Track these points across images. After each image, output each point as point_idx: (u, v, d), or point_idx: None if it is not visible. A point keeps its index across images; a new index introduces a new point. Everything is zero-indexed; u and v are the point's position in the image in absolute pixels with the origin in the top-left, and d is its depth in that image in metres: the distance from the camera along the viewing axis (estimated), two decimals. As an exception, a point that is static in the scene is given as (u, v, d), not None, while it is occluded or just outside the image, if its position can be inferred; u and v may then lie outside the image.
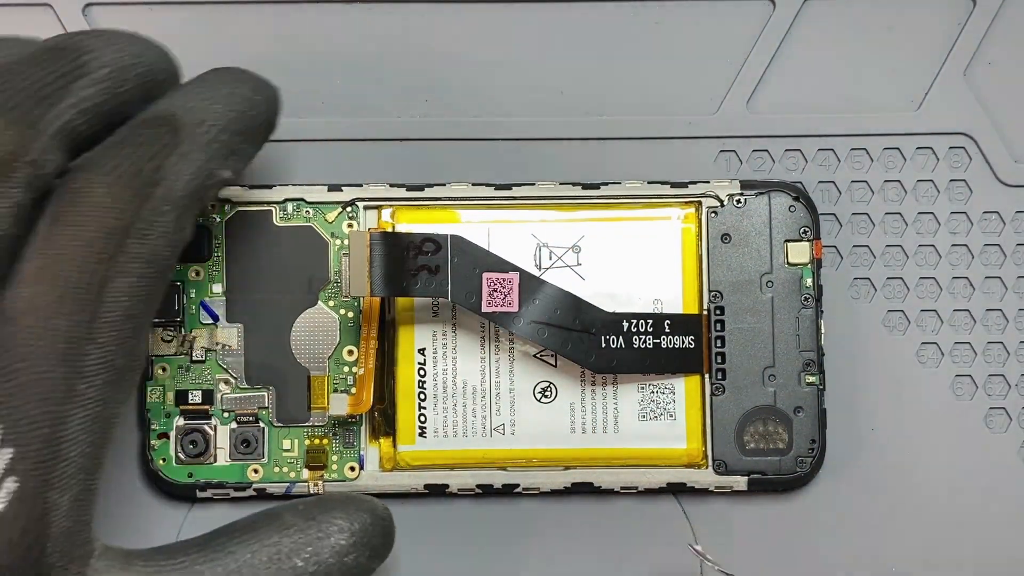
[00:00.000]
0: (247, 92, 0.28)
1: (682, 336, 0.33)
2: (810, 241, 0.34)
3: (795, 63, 0.35)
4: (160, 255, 0.26)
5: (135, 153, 0.26)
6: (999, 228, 0.35)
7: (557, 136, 0.35)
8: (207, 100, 0.27)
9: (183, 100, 0.27)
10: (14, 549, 0.25)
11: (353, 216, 0.34)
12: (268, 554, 0.28)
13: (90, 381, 0.25)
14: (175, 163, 0.26)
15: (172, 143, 0.26)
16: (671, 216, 0.34)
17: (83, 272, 0.25)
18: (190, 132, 0.26)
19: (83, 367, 0.25)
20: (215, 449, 0.33)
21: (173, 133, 0.26)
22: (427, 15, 0.35)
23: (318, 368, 0.34)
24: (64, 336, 0.25)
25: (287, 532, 0.28)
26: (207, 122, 0.27)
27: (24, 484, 0.24)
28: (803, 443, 0.34)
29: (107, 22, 0.35)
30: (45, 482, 0.25)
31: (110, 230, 0.25)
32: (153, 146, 0.26)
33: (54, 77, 0.26)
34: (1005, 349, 0.35)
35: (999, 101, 0.35)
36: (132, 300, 0.25)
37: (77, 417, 0.25)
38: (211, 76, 0.28)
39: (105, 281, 0.25)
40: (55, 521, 0.25)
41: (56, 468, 0.25)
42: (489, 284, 0.32)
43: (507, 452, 0.34)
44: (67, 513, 0.25)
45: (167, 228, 0.26)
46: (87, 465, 0.25)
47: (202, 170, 0.27)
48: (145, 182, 0.25)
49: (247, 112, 0.28)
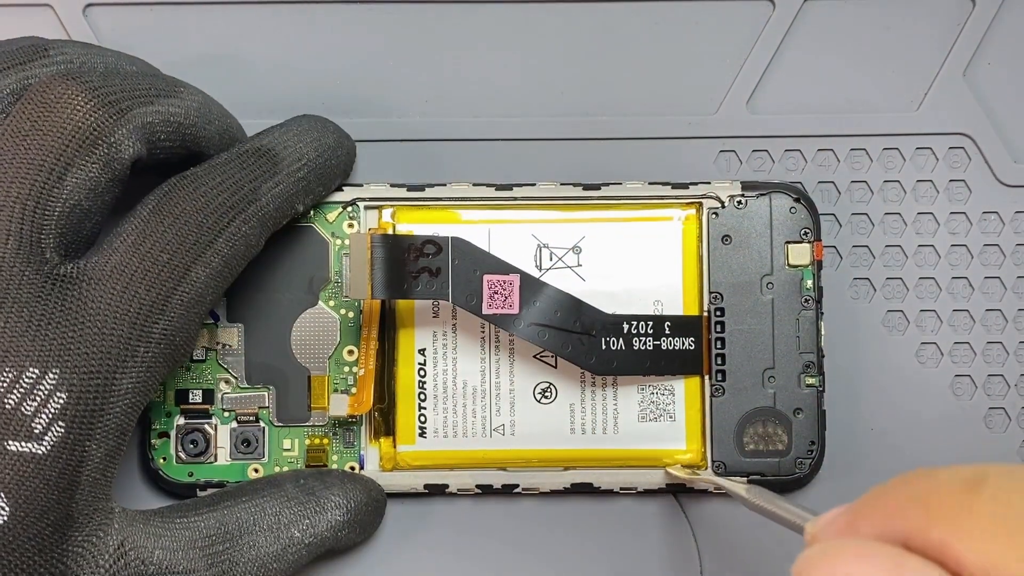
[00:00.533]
0: (331, 142, 0.33)
1: (682, 338, 0.33)
2: (811, 243, 0.34)
3: (795, 63, 0.35)
4: (237, 258, 0.30)
5: (239, 172, 0.30)
6: (998, 228, 0.35)
7: (557, 136, 0.35)
8: (301, 143, 0.32)
9: (282, 138, 0.32)
10: (50, 491, 0.27)
11: (354, 216, 0.34)
12: (269, 522, 0.31)
13: (150, 349, 0.28)
14: (270, 189, 0.31)
15: (270, 172, 0.31)
16: (672, 217, 0.34)
17: (174, 255, 0.29)
18: (286, 167, 0.31)
19: (149, 334, 0.28)
20: (215, 448, 0.33)
21: (272, 164, 0.31)
22: (427, 15, 0.35)
23: (318, 368, 0.34)
24: (140, 303, 0.28)
25: (288, 504, 0.31)
26: (300, 161, 0.32)
27: (69, 430, 0.27)
28: (802, 444, 0.34)
29: (107, 22, 0.35)
30: (88, 432, 0.27)
31: (207, 228, 0.29)
32: (255, 170, 0.30)
33: (152, 89, 0.30)
34: (1004, 349, 0.35)
35: (999, 101, 0.35)
36: (206, 289, 0.29)
37: (129, 377, 0.28)
38: (303, 122, 0.33)
39: (190, 268, 0.29)
40: (87, 471, 0.27)
41: (100, 421, 0.27)
42: (490, 286, 0.32)
43: (507, 452, 0.34)
44: (98, 466, 0.28)
45: (250, 239, 0.30)
46: (124, 424, 0.28)
47: (289, 200, 0.31)
48: (243, 198, 0.30)
49: (329, 160, 0.33)
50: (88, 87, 0.28)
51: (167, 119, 0.29)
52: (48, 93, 0.28)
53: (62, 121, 0.28)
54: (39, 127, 0.28)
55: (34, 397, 0.26)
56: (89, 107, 0.28)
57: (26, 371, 0.27)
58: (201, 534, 0.30)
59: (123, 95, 0.29)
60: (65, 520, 0.27)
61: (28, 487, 0.26)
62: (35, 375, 0.27)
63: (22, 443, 0.26)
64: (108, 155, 0.28)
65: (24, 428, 0.26)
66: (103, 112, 0.28)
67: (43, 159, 0.27)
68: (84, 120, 0.28)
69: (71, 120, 0.28)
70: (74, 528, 0.27)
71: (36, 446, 0.26)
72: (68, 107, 0.28)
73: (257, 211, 0.30)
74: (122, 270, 0.28)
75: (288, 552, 0.31)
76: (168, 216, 0.29)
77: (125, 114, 0.28)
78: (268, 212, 0.30)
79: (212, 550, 0.30)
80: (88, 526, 0.28)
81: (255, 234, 0.30)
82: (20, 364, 0.27)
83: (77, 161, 0.28)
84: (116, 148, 0.28)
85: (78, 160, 0.28)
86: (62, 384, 0.27)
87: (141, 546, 0.29)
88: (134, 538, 0.29)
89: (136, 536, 0.29)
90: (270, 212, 0.31)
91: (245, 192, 0.30)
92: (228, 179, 0.30)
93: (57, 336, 0.27)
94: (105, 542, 0.28)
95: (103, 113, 0.28)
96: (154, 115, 0.29)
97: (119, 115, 0.28)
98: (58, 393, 0.27)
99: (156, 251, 0.28)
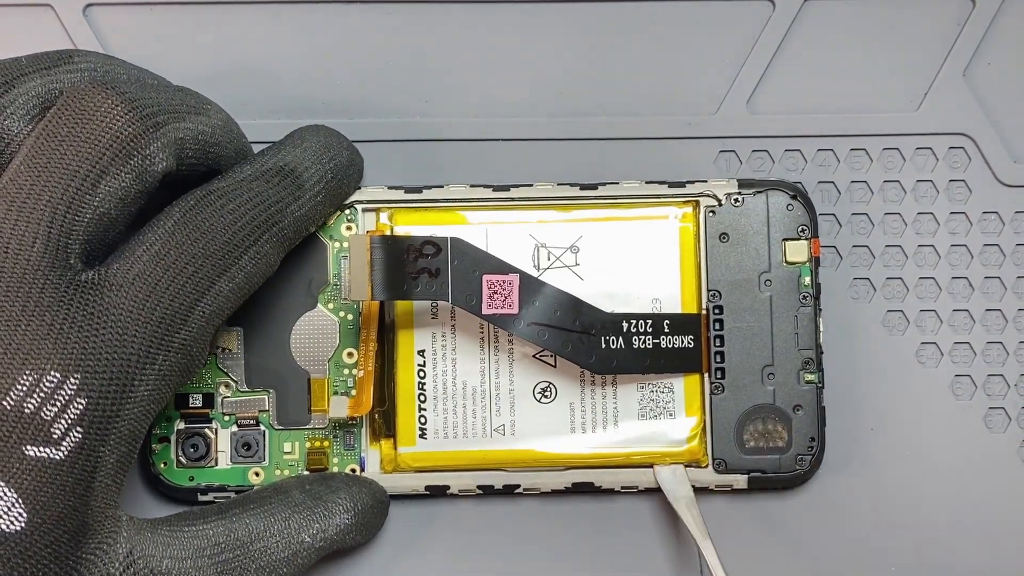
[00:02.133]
0: (345, 161, 0.33)
1: (681, 336, 0.33)
2: (808, 239, 0.34)
3: (795, 63, 0.35)
4: (258, 275, 0.30)
5: (267, 192, 0.30)
6: (998, 228, 0.35)
7: (557, 136, 0.35)
8: (320, 163, 0.32)
9: (303, 157, 0.32)
10: (67, 498, 0.27)
11: (352, 219, 0.34)
12: (279, 528, 0.31)
13: (169, 358, 0.28)
14: (294, 211, 0.31)
15: (296, 195, 0.31)
16: (669, 216, 0.34)
17: (200, 268, 0.29)
18: (309, 189, 0.31)
19: (169, 343, 0.28)
20: (216, 452, 0.34)
21: (297, 187, 0.31)
22: (427, 15, 0.35)
23: (318, 371, 0.34)
24: (163, 312, 0.28)
25: (297, 509, 0.31)
26: (320, 183, 0.32)
27: (86, 436, 0.27)
28: (802, 441, 0.34)
29: (107, 23, 0.35)
30: (103, 438, 0.27)
31: (235, 244, 0.29)
32: (281, 192, 0.31)
33: (184, 105, 0.30)
34: (1004, 349, 0.35)
35: (999, 101, 0.35)
36: (226, 303, 0.29)
37: (146, 385, 0.28)
38: (319, 137, 0.33)
39: (215, 281, 0.29)
40: (99, 478, 0.27)
41: (115, 427, 0.27)
42: (489, 286, 0.32)
43: (507, 453, 0.34)
44: (110, 472, 0.28)
45: (271, 258, 0.30)
46: (136, 432, 0.28)
47: (307, 222, 0.32)
48: (270, 218, 0.30)
49: (343, 180, 0.33)
50: (125, 98, 0.28)
51: (196, 136, 0.30)
52: (86, 100, 0.28)
53: (100, 129, 0.28)
54: (76, 133, 0.28)
55: (54, 402, 0.26)
56: (127, 118, 0.28)
57: (47, 375, 0.26)
58: (210, 542, 0.30)
59: (158, 108, 0.29)
60: (80, 528, 0.27)
61: (46, 493, 0.26)
62: (56, 379, 0.26)
63: (40, 448, 0.26)
64: (142, 167, 0.28)
65: (43, 433, 0.26)
66: (140, 124, 0.28)
67: (79, 165, 0.27)
68: (122, 130, 0.28)
69: (109, 129, 0.28)
70: (88, 536, 0.27)
71: (54, 451, 0.26)
72: (107, 116, 0.28)
73: (279, 232, 0.30)
74: (145, 278, 0.28)
75: (298, 557, 0.31)
76: (196, 229, 0.29)
77: (160, 128, 0.28)
78: (288, 233, 0.31)
79: (222, 558, 0.30)
80: (100, 534, 0.28)
81: (275, 254, 0.31)
82: (41, 368, 0.26)
83: (111, 170, 0.28)
84: (150, 160, 0.28)
85: (112, 169, 0.28)
86: (83, 390, 0.27)
87: (150, 555, 0.29)
88: (143, 547, 0.29)
89: (145, 545, 0.29)
90: (290, 234, 0.31)
91: (272, 212, 0.30)
92: (256, 198, 0.30)
93: (79, 341, 0.27)
94: (115, 550, 0.28)
95: (140, 125, 0.28)
96: (185, 131, 0.29)
97: (155, 128, 0.28)
98: (79, 399, 0.27)
99: (182, 262, 0.28)
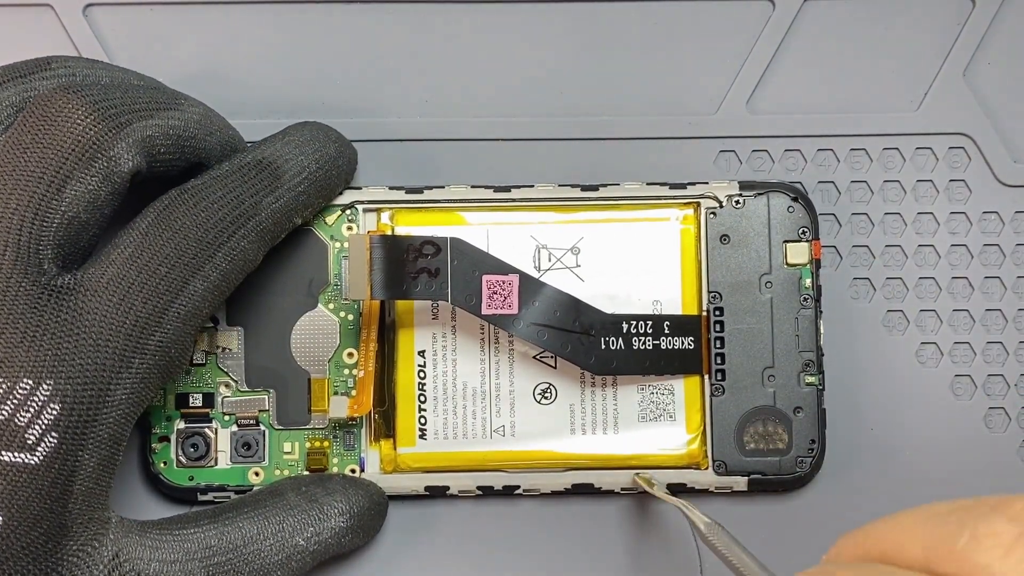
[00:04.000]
0: (332, 153, 0.32)
1: (681, 337, 0.33)
2: (809, 241, 0.34)
3: (795, 63, 0.35)
4: (235, 272, 0.30)
5: (240, 187, 0.30)
6: (998, 228, 0.35)
7: (557, 136, 0.35)
8: (302, 155, 0.32)
9: (283, 150, 0.31)
10: (43, 501, 0.27)
11: (352, 219, 0.34)
12: (273, 531, 0.31)
13: (145, 360, 0.28)
14: (270, 204, 0.31)
15: (271, 187, 0.31)
16: (670, 217, 0.34)
17: (172, 268, 0.29)
18: (287, 180, 0.31)
19: (144, 346, 0.28)
20: (216, 452, 0.33)
21: (274, 179, 0.31)
22: (427, 15, 0.35)
23: (318, 371, 0.34)
24: (136, 315, 0.28)
25: (291, 512, 0.31)
26: (301, 174, 0.31)
27: (62, 440, 0.27)
28: (803, 443, 0.34)
29: (107, 23, 0.35)
30: (81, 443, 0.27)
31: (207, 243, 0.29)
32: (256, 185, 0.30)
33: (152, 103, 0.30)
34: (1004, 349, 0.35)
35: (999, 101, 0.35)
36: (203, 303, 0.29)
37: (123, 389, 0.28)
38: (304, 131, 0.32)
39: (188, 281, 0.29)
40: (80, 480, 0.28)
41: (93, 431, 0.28)
42: (489, 286, 0.32)
43: (507, 453, 0.34)
44: (91, 475, 0.28)
45: (248, 254, 0.30)
46: (117, 435, 0.28)
47: (288, 215, 0.31)
48: (244, 213, 0.30)
49: (330, 172, 0.32)
50: (88, 100, 0.28)
51: (167, 132, 0.30)
52: (49, 106, 0.28)
53: (62, 134, 0.28)
54: (39, 140, 0.28)
55: (28, 408, 0.27)
56: (89, 121, 0.28)
57: (20, 382, 0.27)
58: (200, 546, 0.30)
59: (123, 108, 0.29)
60: (59, 529, 0.27)
61: (21, 496, 0.27)
62: (29, 386, 0.27)
63: (15, 453, 0.27)
64: (107, 168, 0.28)
65: (17, 439, 0.27)
66: (103, 126, 0.28)
67: (43, 171, 0.28)
68: (84, 133, 0.28)
69: (71, 133, 0.28)
70: (68, 537, 0.28)
71: (29, 456, 0.27)
72: (68, 120, 0.28)
73: (256, 226, 0.30)
74: (119, 282, 0.28)
75: (292, 561, 0.31)
76: (168, 229, 0.29)
77: (124, 128, 0.28)
78: (267, 227, 0.31)
79: (213, 561, 0.30)
80: (83, 536, 0.28)
81: (254, 249, 0.30)
82: (14, 375, 0.27)
83: (76, 174, 0.28)
84: (115, 161, 0.28)
85: (77, 173, 0.28)
86: (56, 395, 0.27)
87: (137, 558, 0.29)
88: (129, 549, 0.29)
89: (132, 547, 0.29)
90: (269, 227, 0.31)
91: (246, 207, 0.30)
92: (229, 193, 0.30)
93: (52, 347, 0.27)
94: (100, 552, 0.28)
95: (103, 127, 0.28)
96: (154, 128, 0.29)
97: (118, 128, 0.28)
98: (52, 404, 0.27)
99: (154, 264, 0.29)
